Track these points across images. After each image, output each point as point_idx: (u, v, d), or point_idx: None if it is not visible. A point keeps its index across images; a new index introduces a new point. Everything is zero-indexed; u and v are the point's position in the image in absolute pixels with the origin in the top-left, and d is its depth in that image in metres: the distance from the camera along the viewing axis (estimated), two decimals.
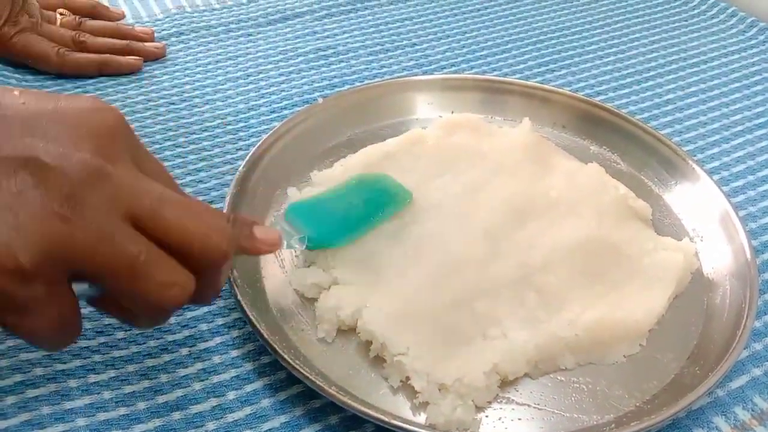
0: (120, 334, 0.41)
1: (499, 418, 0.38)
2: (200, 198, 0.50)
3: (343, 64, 0.65)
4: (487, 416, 0.38)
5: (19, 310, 0.28)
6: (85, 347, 0.40)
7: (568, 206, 0.48)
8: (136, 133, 0.32)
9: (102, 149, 0.29)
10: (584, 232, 0.46)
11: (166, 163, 0.43)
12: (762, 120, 0.61)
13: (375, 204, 0.46)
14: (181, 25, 0.70)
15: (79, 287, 0.30)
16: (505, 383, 0.40)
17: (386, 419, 0.35)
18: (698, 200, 0.50)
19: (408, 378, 0.39)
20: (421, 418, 0.38)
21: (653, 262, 0.46)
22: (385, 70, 0.65)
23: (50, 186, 0.28)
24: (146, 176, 0.31)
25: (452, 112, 0.57)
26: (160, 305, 0.30)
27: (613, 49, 0.70)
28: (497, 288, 0.42)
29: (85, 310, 0.41)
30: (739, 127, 0.60)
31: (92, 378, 0.38)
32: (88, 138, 0.29)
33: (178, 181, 0.40)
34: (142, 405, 0.37)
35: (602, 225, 0.47)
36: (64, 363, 0.39)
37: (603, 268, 0.45)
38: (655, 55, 0.69)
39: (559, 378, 0.40)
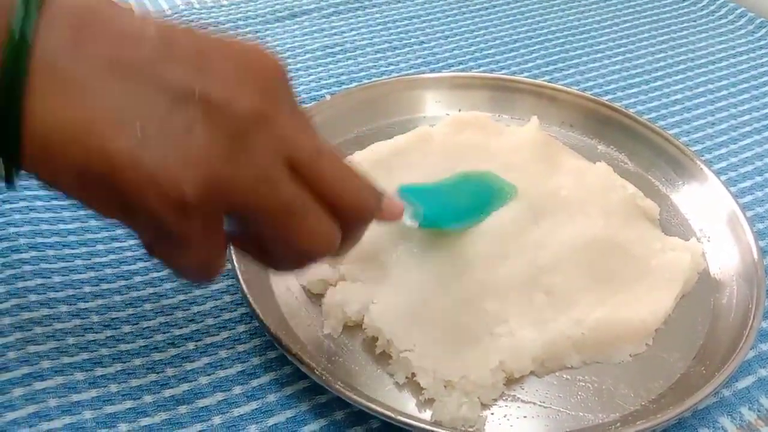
0: (126, 328, 0.41)
1: (505, 416, 0.38)
2: None
3: (350, 62, 0.65)
4: (492, 414, 0.38)
5: (172, 242, 0.29)
6: (92, 340, 0.40)
7: (576, 206, 0.48)
8: None
9: (268, 93, 0.29)
10: (592, 232, 0.46)
11: None
12: None
13: (483, 195, 0.47)
14: (189, 21, 0.70)
15: (227, 225, 0.31)
16: (511, 381, 0.40)
17: (391, 415, 0.35)
18: (706, 200, 0.50)
19: (414, 374, 0.39)
20: (426, 414, 0.38)
21: (660, 263, 0.46)
22: (392, 67, 0.65)
23: (218, 123, 0.28)
24: (309, 123, 0.32)
25: (459, 110, 0.57)
26: (307, 252, 0.31)
27: (621, 49, 0.70)
28: (505, 287, 0.42)
29: (93, 303, 0.42)
30: (747, 128, 0.60)
31: (99, 371, 0.38)
32: (255, 80, 0.29)
33: None
34: (148, 398, 0.38)
35: (610, 225, 0.47)
36: (71, 356, 0.39)
37: (611, 268, 0.45)
38: (663, 55, 0.69)
39: (564, 376, 0.40)
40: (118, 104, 0.27)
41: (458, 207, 0.45)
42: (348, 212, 0.32)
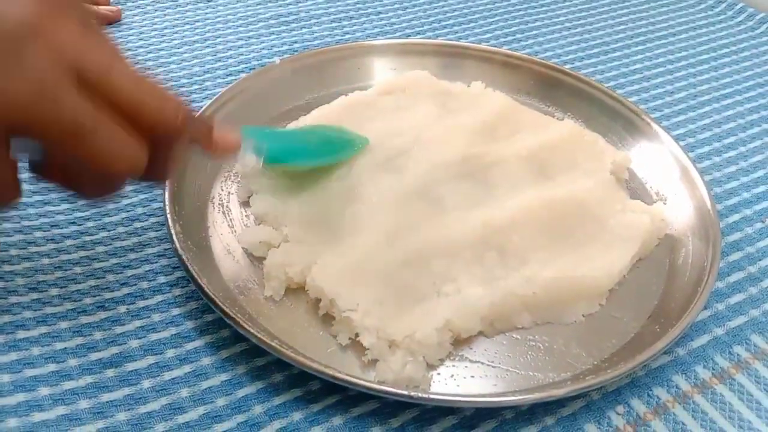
0: (54, 291, 0.38)
1: (452, 376, 0.37)
2: None
3: (304, 30, 0.64)
4: (439, 374, 0.37)
5: None
6: (15, 303, 0.37)
7: (538, 164, 0.47)
8: None
9: (48, 5, 0.27)
10: (553, 192, 0.45)
11: None
12: (729, 90, 0.60)
13: (333, 142, 0.45)
14: None
15: (19, 145, 0.28)
16: (459, 341, 0.38)
17: (331, 374, 0.34)
18: (661, 163, 0.49)
19: (357, 335, 0.37)
20: (370, 375, 0.36)
21: (619, 223, 0.44)
22: (348, 36, 0.63)
23: None
24: (99, 34, 0.29)
25: None
26: (107, 172, 0.29)
27: (581, 21, 0.69)
28: (456, 246, 0.41)
29: (19, 266, 0.39)
30: (706, 96, 0.59)
31: (21, 334, 0.36)
32: None
33: None
34: (73, 362, 0.35)
35: (573, 184, 0.45)
36: None
37: (568, 227, 0.43)
38: (622, 27, 0.68)
39: (515, 336, 0.39)
40: None
41: (307, 146, 0.44)
42: (148, 124, 0.29)
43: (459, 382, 0.36)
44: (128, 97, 0.28)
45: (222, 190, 0.46)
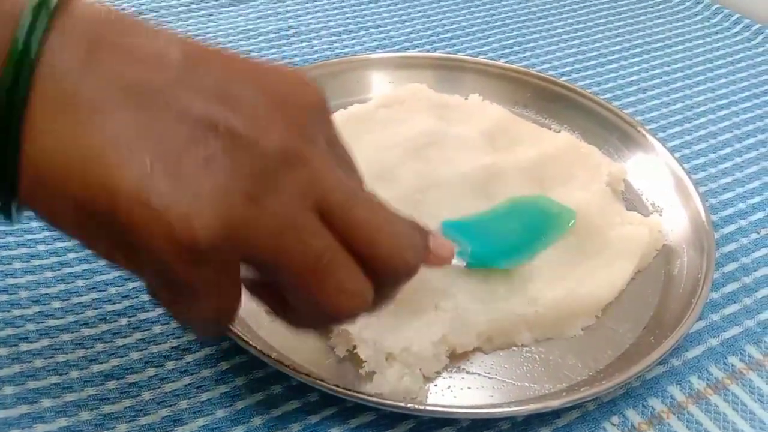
0: (56, 304, 0.39)
1: (449, 387, 0.37)
2: None
3: (304, 44, 0.64)
4: (435, 385, 0.37)
5: (179, 290, 0.25)
6: (19, 316, 0.38)
7: (536, 177, 0.47)
8: None
9: (301, 129, 0.26)
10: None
11: None
12: (725, 101, 0.61)
13: (536, 227, 0.42)
14: (141, 4, 0.68)
15: (244, 271, 0.27)
16: (456, 354, 0.39)
17: (329, 386, 0.34)
18: (657, 174, 0.49)
19: (355, 347, 0.37)
20: (367, 387, 0.36)
21: (618, 236, 0.45)
22: (347, 50, 0.64)
23: (242, 160, 0.24)
24: (340, 166, 0.27)
25: None
26: (334, 313, 0.27)
27: (578, 33, 0.69)
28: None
29: (23, 279, 0.40)
30: (702, 108, 0.60)
31: (24, 347, 0.37)
32: (288, 114, 0.25)
33: None
34: (75, 374, 0.36)
35: (571, 196, 0.46)
36: None
37: (569, 240, 0.44)
38: (619, 39, 0.69)
39: (511, 348, 0.39)
40: (129, 133, 0.23)
41: (508, 241, 0.41)
42: (384, 269, 0.27)
43: (456, 393, 0.37)
44: (368, 235, 0.27)
45: None
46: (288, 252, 0.25)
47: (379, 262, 0.27)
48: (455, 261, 0.34)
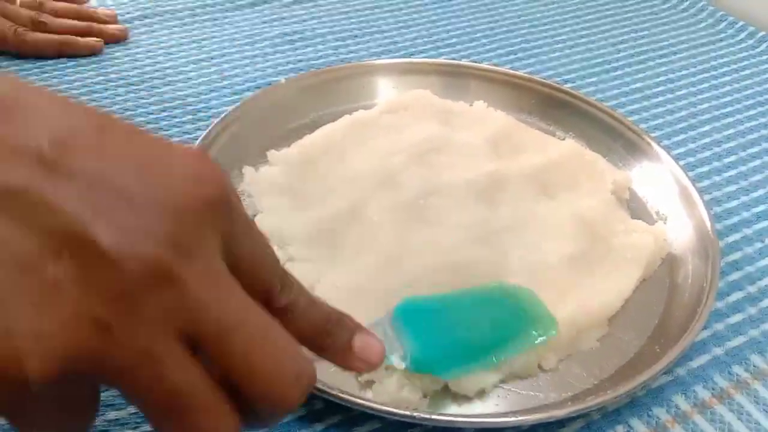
0: None
1: (453, 396, 0.37)
2: None
3: (309, 49, 0.64)
4: (441, 394, 0.37)
5: (15, 415, 0.22)
6: None
7: (541, 184, 0.47)
8: None
9: (183, 237, 0.22)
10: (562, 212, 0.45)
11: None
12: (729, 109, 0.61)
13: (505, 330, 0.36)
14: (146, 8, 0.68)
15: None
16: None
17: (331, 392, 0.34)
18: (662, 182, 0.49)
19: None
20: (368, 395, 0.36)
21: (624, 244, 0.45)
22: (352, 55, 0.64)
23: (99, 279, 0.21)
24: (228, 280, 0.23)
25: None
26: None
27: (583, 39, 0.70)
28: (461, 271, 0.41)
29: None
30: (707, 115, 0.60)
31: None
32: (170, 217, 0.22)
33: None
34: None
35: (579, 203, 0.46)
36: None
37: (577, 249, 0.44)
38: (623, 45, 0.69)
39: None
40: None
41: (468, 343, 0.36)
42: (261, 405, 0.24)
43: (461, 402, 0.37)
44: (240, 370, 0.23)
45: None
46: (141, 386, 0.22)
47: (253, 398, 0.24)
48: (395, 361, 0.32)
